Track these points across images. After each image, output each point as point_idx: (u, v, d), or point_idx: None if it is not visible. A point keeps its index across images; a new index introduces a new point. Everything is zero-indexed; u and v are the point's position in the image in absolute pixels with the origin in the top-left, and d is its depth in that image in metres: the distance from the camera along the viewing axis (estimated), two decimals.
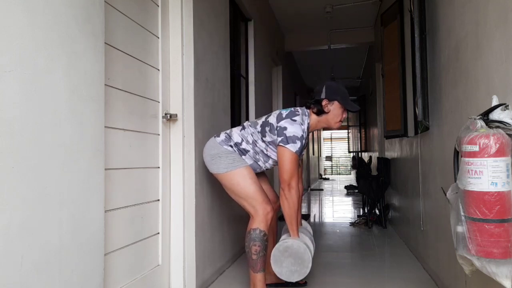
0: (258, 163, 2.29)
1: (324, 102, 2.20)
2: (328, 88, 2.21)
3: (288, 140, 2.08)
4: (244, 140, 2.25)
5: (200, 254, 2.42)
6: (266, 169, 2.39)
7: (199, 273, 2.40)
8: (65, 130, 1.31)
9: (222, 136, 2.29)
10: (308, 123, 2.22)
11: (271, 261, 2.10)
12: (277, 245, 2.11)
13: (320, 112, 2.22)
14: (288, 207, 2.12)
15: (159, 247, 2.21)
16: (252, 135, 2.25)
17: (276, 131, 2.15)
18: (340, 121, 2.26)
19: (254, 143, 2.25)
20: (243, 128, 2.30)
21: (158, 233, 2.20)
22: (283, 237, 2.23)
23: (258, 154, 2.27)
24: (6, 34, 1.11)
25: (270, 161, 2.30)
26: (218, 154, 2.22)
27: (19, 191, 1.13)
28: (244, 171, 2.20)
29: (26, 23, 1.17)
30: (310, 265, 2.06)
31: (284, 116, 2.16)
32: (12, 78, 1.12)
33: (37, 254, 1.19)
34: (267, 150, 2.25)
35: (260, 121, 2.27)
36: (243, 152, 2.25)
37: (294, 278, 2.08)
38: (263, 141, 2.23)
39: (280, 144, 2.10)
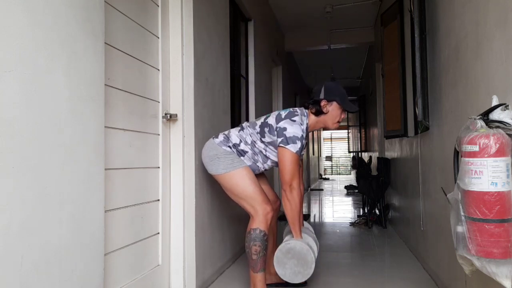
0: (257, 164, 2.29)
1: (322, 103, 2.20)
2: (327, 88, 2.21)
3: (288, 140, 2.08)
4: (243, 141, 2.25)
5: (200, 254, 2.42)
6: (265, 170, 2.39)
7: (199, 273, 2.40)
8: (65, 130, 1.31)
9: (221, 137, 2.28)
10: (307, 124, 2.22)
11: (274, 263, 2.10)
12: (280, 247, 2.11)
13: (318, 112, 2.22)
14: (290, 209, 2.12)
15: (159, 247, 2.21)
16: (251, 136, 2.25)
17: (275, 132, 2.14)
18: (339, 121, 2.27)
19: (253, 144, 2.25)
20: (242, 129, 2.30)
21: (158, 233, 2.20)
22: (285, 238, 2.23)
23: (257, 155, 2.26)
24: (6, 34, 1.11)
25: (269, 162, 2.30)
26: (217, 155, 2.22)
27: (19, 191, 1.13)
28: (243, 172, 2.20)
29: (26, 23, 1.17)
30: (313, 265, 2.05)
31: (283, 116, 2.16)
32: (12, 78, 1.12)
33: (37, 254, 1.19)
34: (266, 151, 2.25)
35: (259, 122, 2.26)
36: (242, 153, 2.25)
37: (297, 280, 2.08)
38: (262, 142, 2.23)
39: (281, 145, 2.10)
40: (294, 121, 2.13)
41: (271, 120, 2.20)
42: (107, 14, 1.70)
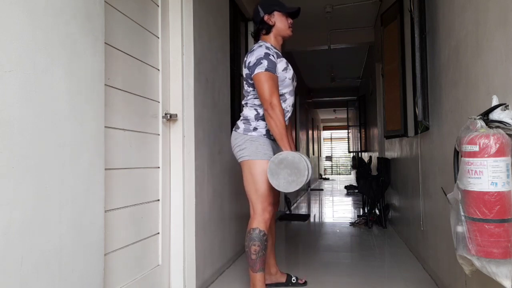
0: None
1: (265, 18, 2.28)
2: (261, 5, 2.31)
3: (255, 66, 2.13)
4: (257, 108, 2.26)
5: (200, 254, 2.42)
6: (291, 114, 2.38)
7: (199, 273, 2.40)
8: (65, 130, 1.31)
9: (241, 125, 2.27)
10: (269, 45, 2.25)
11: (268, 174, 2.07)
12: (272, 159, 2.08)
13: (268, 29, 2.30)
14: (275, 125, 2.11)
15: (159, 247, 2.21)
16: (254, 99, 2.26)
17: (250, 73, 2.18)
18: (290, 27, 2.33)
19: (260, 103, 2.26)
20: (245, 105, 2.32)
21: (158, 233, 2.20)
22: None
23: None
24: (6, 34, 1.11)
25: (287, 101, 2.30)
26: (244, 143, 2.22)
27: (19, 191, 1.13)
28: (265, 166, 2.17)
29: (26, 23, 1.17)
30: (306, 173, 2.03)
31: (246, 58, 2.23)
32: (12, 78, 1.12)
33: (37, 254, 1.19)
34: None
35: (245, 86, 2.30)
36: (263, 118, 2.25)
37: (291, 188, 2.05)
38: None
39: (252, 75, 2.15)
40: (253, 50, 2.20)
41: (245, 71, 2.24)
42: (107, 14, 1.70)
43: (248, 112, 2.27)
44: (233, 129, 2.33)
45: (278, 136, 2.14)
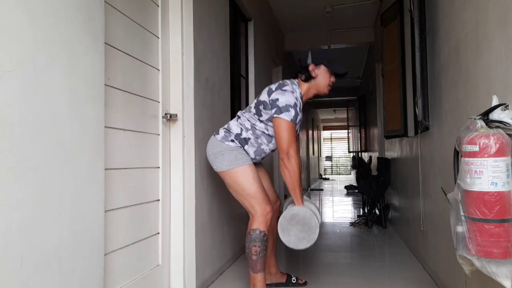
0: (261, 147, 2.27)
1: (311, 67, 2.24)
2: (313, 53, 2.27)
3: (281, 109, 2.09)
4: (243, 129, 2.24)
5: (200, 254, 2.42)
6: (272, 151, 2.37)
7: (199, 273, 2.40)
8: (65, 130, 1.31)
9: (221, 132, 2.28)
10: (300, 92, 2.24)
11: (279, 230, 2.09)
12: (283, 214, 2.09)
13: (308, 78, 2.26)
14: (290, 176, 2.11)
15: (159, 247, 2.21)
16: (249, 120, 2.25)
17: (270, 106, 2.15)
18: (329, 85, 2.29)
19: (253, 127, 2.24)
20: (238, 117, 2.30)
21: (158, 233, 2.20)
22: (288, 206, 2.22)
23: (259, 137, 2.26)
24: (6, 34, 1.11)
25: (273, 141, 2.29)
26: (221, 152, 2.21)
27: (19, 191, 1.13)
28: (247, 169, 2.19)
29: (26, 23, 1.17)
30: (317, 230, 2.05)
31: (274, 89, 2.18)
32: (12, 78, 1.12)
33: (37, 254, 1.19)
34: (267, 130, 2.24)
35: (253, 104, 2.28)
36: (245, 141, 2.24)
37: (302, 246, 2.07)
38: (261, 122, 2.22)
39: (275, 115, 2.11)
40: (285, 90, 2.14)
41: (263, 96, 2.20)
42: (107, 14, 1.70)
43: (234, 126, 2.26)
44: (214, 133, 2.33)
45: (290, 187, 2.13)
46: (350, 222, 4.97)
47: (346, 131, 14.55)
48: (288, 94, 2.12)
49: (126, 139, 1.89)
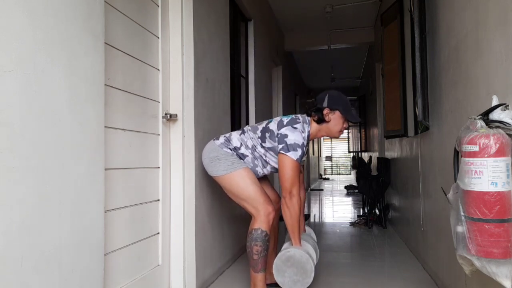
0: (256, 168, 2.29)
1: (325, 111, 2.20)
2: (330, 97, 2.21)
3: (289, 148, 2.08)
4: (243, 145, 2.25)
5: (200, 254, 2.42)
6: (264, 175, 2.38)
7: (199, 273, 2.40)
8: (65, 130, 1.31)
9: (222, 139, 2.28)
10: (309, 131, 2.21)
11: (273, 271, 2.11)
12: (279, 255, 2.11)
13: (320, 120, 2.22)
14: (290, 216, 2.12)
15: (159, 247, 2.21)
16: (251, 140, 2.25)
17: (276, 138, 2.14)
18: (341, 131, 2.26)
19: (254, 148, 2.24)
20: (243, 132, 2.30)
21: (158, 233, 2.20)
22: (285, 246, 2.23)
23: (257, 159, 2.26)
24: (6, 34, 1.11)
25: (268, 167, 2.30)
26: (217, 157, 2.22)
27: (19, 191, 1.13)
28: (243, 172, 2.20)
29: (26, 23, 1.17)
30: (313, 274, 2.06)
31: (285, 123, 2.16)
32: (12, 78, 1.12)
33: (37, 254, 1.19)
34: (265, 156, 2.25)
35: (260, 127, 2.26)
36: (242, 157, 2.25)
37: None
38: (263, 147, 2.22)
39: (281, 151, 2.10)
40: (296, 128, 2.13)
41: (273, 125, 2.19)
42: (107, 14, 1.70)
43: (235, 139, 2.27)
44: (213, 138, 2.33)
45: (289, 227, 2.14)
46: (350, 222, 4.97)
47: (346, 131, 14.55)
48: (298, 133, 2.11)
49: (126, 139, 1.89)
